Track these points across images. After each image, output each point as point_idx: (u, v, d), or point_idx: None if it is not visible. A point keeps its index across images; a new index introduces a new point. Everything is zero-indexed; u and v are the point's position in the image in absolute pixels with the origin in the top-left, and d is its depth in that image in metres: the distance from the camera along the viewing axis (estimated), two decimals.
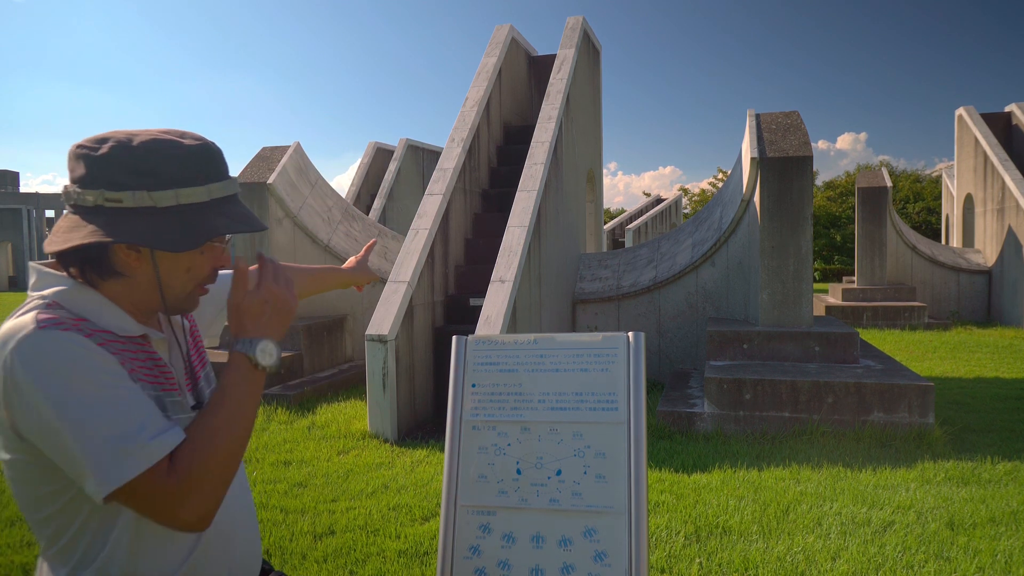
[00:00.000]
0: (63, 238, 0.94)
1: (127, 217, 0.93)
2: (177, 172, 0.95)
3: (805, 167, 6.11)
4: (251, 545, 1.16)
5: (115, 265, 0.97)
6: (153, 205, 0.94)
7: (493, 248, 6.55)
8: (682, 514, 3.47)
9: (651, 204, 25.79)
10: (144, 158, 0.94)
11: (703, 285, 7.18)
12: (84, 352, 0.89)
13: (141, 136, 0.96)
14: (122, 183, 0.93)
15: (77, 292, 0.96)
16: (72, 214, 0.96)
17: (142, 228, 0.93)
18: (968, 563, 2.92)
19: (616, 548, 1.43)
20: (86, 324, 0.93)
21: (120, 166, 0.94)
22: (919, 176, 30.59)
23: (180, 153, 0.96)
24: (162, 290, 1.00)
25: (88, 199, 0.93)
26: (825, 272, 28.87)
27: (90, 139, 0.97)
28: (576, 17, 8.81)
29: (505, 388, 1.58)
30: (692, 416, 5.15)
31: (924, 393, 4.74)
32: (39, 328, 0.88)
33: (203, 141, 1.00)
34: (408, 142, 14.29)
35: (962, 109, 13.92)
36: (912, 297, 12.21)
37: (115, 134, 0.97)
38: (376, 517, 3.52)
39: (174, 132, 1.00)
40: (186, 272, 1.01)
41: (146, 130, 0.99)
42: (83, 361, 0.88)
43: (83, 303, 0.96)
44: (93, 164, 0.94)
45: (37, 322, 0.89)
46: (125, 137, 0.96)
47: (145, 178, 0.94)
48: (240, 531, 1.13)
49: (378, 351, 5.10)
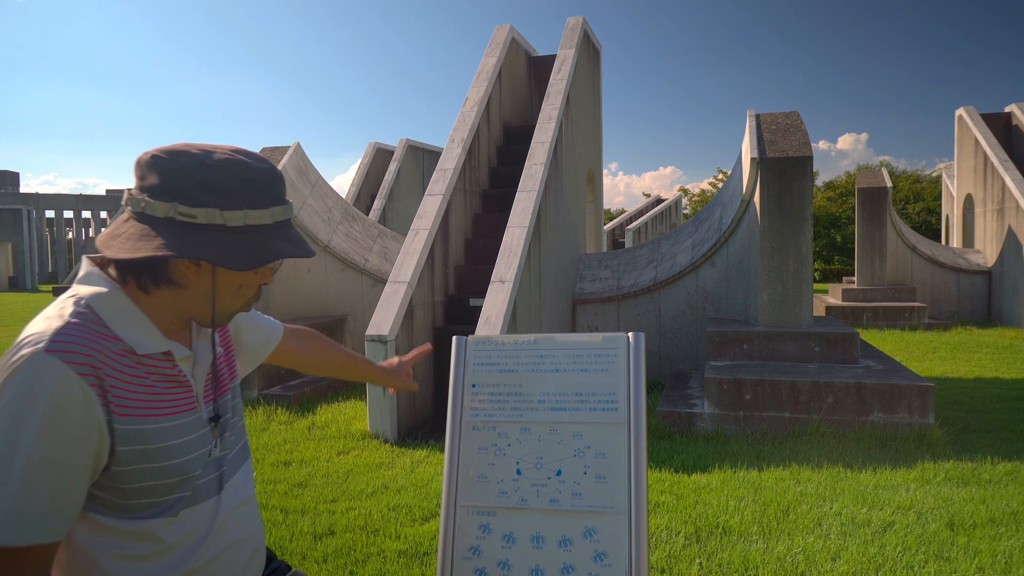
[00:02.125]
0: (131, 246, 0.94)
1: (196, 233, 0.95)
2: (248, 194, 0.97)
3: (805, 167, 6.11)
4: (256, 551, 1.19)
5: (172, 276, 0.99)
6: (223, 224, 0.95)
7: (493, 248, 6.54)
8: (682, 514, 3.47)
9: (651, 204, 25.79)
10: (219, 177, 0.96)
11: (703, 285, 7.18)
12: (59, 400, 0.88)
13: (216, 154, 0.98)
14: (196, 199, 0.95)
15: (113, 301, 0.98)
16: (137, 221, 0.96)
17: (210, 245, 0.95)
18: (968, 563, 2.92)
19: (616, 548, 1.43)
20: (103, 345, 0.94)
21: (195, 182, 0.95)
22: (919, 176, 30.60)
23: (252, 175, 0.98)
24: (215, 304, 1.03)
25: (159, 210, 0.95)
26: (825, 272, 28.88)
27: (164, 150, 0.98)
28: (576, 17, 8.81)
29: (505, 388, 1.58)
30: (692, 416, 5.15)
31: (924, 393, 4.74)
32: (46, 351, 0.89)
33: (270, 165, 1.03)
34: (408, 142, 14.29)
35: (962, 109, 13.92)
36: (912, 297, 12.21)
37: (189, 148, 0.98)
38: (376, 517, 3.52)
39: (243, 152, 1.01)
40: (238, 289, 1.04)
41: (218, 147, 1.00)
42: (50, 413, 0.87)
43: (114, 312, 0.97)
44: (168, 176, 0.95)
45: (50, 342, 0.90)
46: (200, 153, 0.97)
47: (218, 197, 0.95)
48: (247, 536, 1.15)
49: (378, 351, 5.10)
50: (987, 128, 13.28)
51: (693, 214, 29.16)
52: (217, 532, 1.08)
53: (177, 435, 1.01)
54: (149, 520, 0.99)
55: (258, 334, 1.36)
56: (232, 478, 1.13)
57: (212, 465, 1.08)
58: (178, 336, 1.07)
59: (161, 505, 1.00)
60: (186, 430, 1.03)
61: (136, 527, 0.98)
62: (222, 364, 1.17)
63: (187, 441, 1.02)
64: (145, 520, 0.99)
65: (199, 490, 1.06)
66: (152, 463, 0.98)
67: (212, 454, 1.09)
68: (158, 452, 0.98)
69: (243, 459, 1.19)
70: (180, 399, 1.03)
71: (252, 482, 1.21)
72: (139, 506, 0.99)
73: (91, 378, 0.91)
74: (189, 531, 1.04)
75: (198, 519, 1.05)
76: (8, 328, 12.83)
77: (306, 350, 1.53)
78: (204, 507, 1.06)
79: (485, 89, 7.64)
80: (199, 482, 1.05)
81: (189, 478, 1.03)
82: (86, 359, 0.91)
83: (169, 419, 1.00)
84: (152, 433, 0.98)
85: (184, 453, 1.02)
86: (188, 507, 1.03)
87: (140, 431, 0.96)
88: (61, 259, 36.63)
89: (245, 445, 1.22)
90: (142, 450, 0.96)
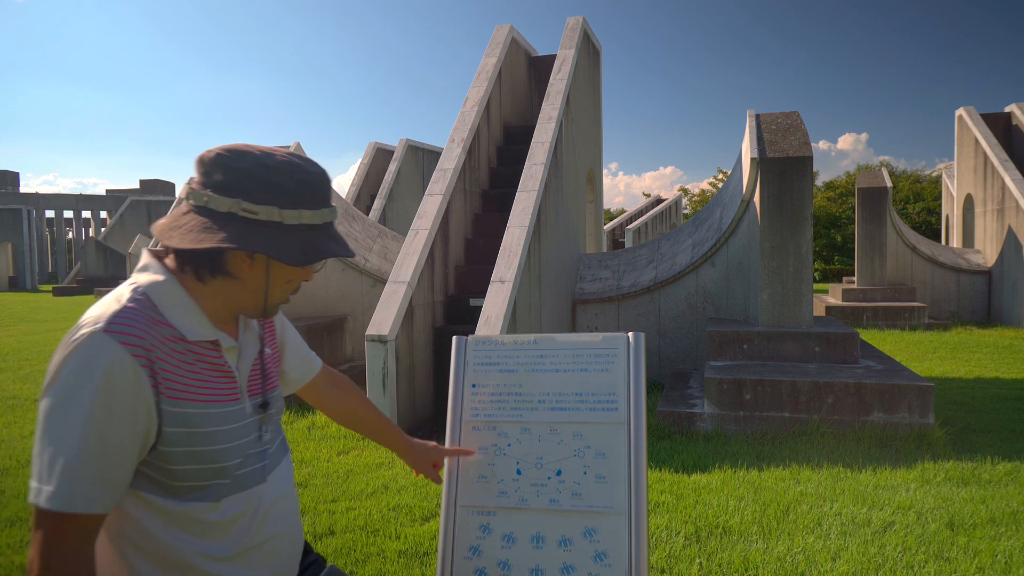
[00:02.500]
0: (195, 237, 1.01)
1: (256, 228, 1.02)
2: (304, 195, 1.05)
3: (805, 167, 6.11)
4: (296, 546, 1.24)
5: (228, 267, 1.06)
6: (281, 221, 1.03)
7: (493, 248, 6.54)
8: (682, 514, 3.47)
9: (651, 204, 25.80)
10: (278, 177, 1.04)
11: (703, 285, 7.18)
12: (113, 377, 0.95)
13: (275, 156, 1.06)
14: (258, 197, 1.02)
15: (168, 289, 1.05)
16: (198, 214, 1.03)
17: (269, 240, 1.02)
18: (968, 563, 2.92)
19: (616, 548, 1.43)
20: (155, 330, 1.01)
21: (259, 181, 1.03)
22: (919, 176, 30.60)
23: (307, 177, 1.06)
24: (267, 296, 1.10)
25: (222, 205, 1.02)
26: (825, 272, 28.87)
27: (227, 149, 1.05)
28: (576, 17, 8.81)
29: (505, 388, 1.58)
30: (692, 416, 5.15)
31: (924, 393, 4.74)
32: (103, 332, 0.96)
33: (322, 169, 1.11)
34: (408, 142, 14.29)
35: (962, 109, 13.92)
36: (912, 297, 12.21)
37: (251, 149, 1.06)
38: (376, 517, 3.52)
39: (297, 156, 1.09)
40: (286, 283, 1.12)
41: (275, 149, 1.08)
42: (104, 389, 0.94)
43: (168, 300, 1.05)
44: (234, 174, 1.03)
45: (108, 323, 0.97)
46: (261, 154, 1.05)
47: (278, 196, 1.03)
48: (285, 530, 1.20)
49: (378, 351, 5.10)
50: (987, 128, 13.27)
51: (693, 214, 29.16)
52: (260, 522, 1.13)
53: (220, 422, 1.07)
54: (192, 503, 1.05)
55: (299, 364, 1.39)
56: (274, 470, 1.18)
57: (255, 456, 1.14)
58: (226, 328, 1.13)
59: (204, 490, 1.06)
60: (228, 419, 1.08)
61: (181, 508, 1.04)
62: (269, 361, 1.23)
63: (229, 429, 1.08)
64: (189, 503, 1.05)
65: (240, 479, 1.11)
66: (195, 447, 1.03)
67: (259, 442, 1.15)
68: (201, 436, 1.04)
69: (283, 453, 1.24)
70: (225, 388, 1.09)
71: (292, 477, 1.26)
72: (184, 488, 1.04)
73: (143, 359, 0.98)
74: (231, 518, 1.09)
75: (240, 507, 1.10)
76: (8, 328, 12.82)
77: (337, 396, 1.52)
78: (247, 496, 1.11)
79: (485, 89, 7.64)
80: (240, 471, 1.11)
81: (230, 465, 1.08)
82: (139, 341, 0.98)
83: (213, 406, 1.07)
84: (196, 417, 1.04)
85: (226, 440, 1.07)
86: (230, 495, 1.09)
87: (186, 414, 1.03)
88: (61, 259, 36.62)
89: (284, 440, 1.27)
90: (187, 433, 1.03)
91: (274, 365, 1.25)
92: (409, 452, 1.57)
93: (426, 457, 1.56)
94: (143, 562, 1.04)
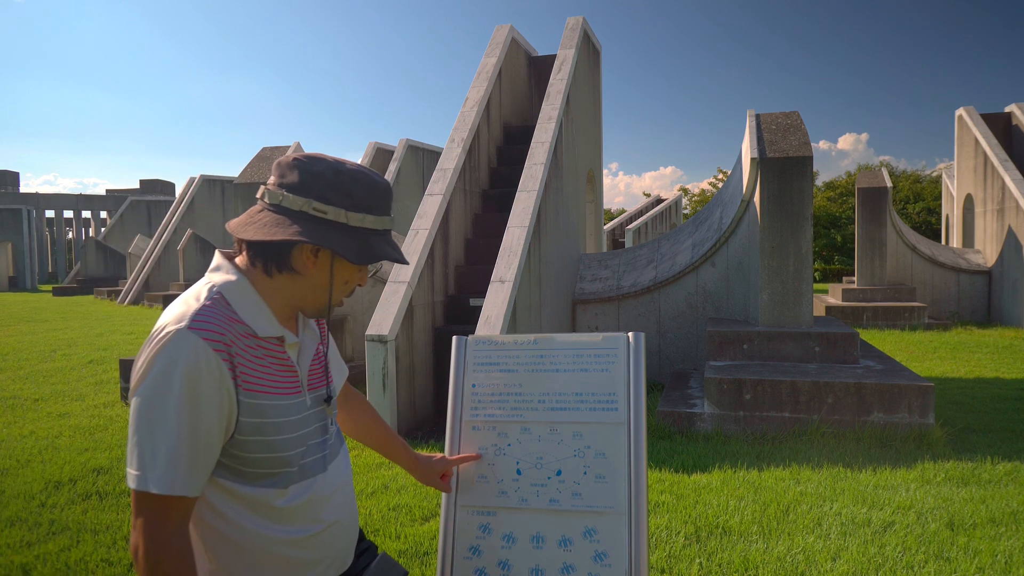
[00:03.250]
0: (269, 231, 1.10)
1: (325, 227, 1.11)
2: (369, 200, 1.15)
3: (805, 167, 6.11)
4: (353, 534, 1.31)
5: (293, 262, 1.14)
6: (346, 223, 1.13)
7: (493, 248, 6.54)
8: (682, 514, 3.47)
9: (651, 204, 25.79)
10: (349, 183, 1.14)
11: (703, 285, 7.18)
12: (199, 370, 1.03)
13: (348, 164, 1.16)
14: (328, 198, 1.12)
15: (239, 288, 1.14)
16: (272, 212, 1.13)
17: (335, 238, 1.11)
18: (968, 563, 2.92)
19: (616, 548, 1.43)
20: (232, 327, 1.09)
21: (330, 185, 1.12)
22: (919, 176, 30.59)
23: (374, 186, 1.16)
24: (331, 291, 1.18)
25: (296, 204, 1.11)
26: (825, 272, 28.88)
27: (305, 155, 1.15)
28: (576, 17, 8.81)
29: (505, 388, 1.58)
30: (692, 416, 5.15)
31: (924, 393, 4.74)
32: (188, 329, 1.04)
33: (387, 181, 1.20)
34: (408, 142, 14.29)
35: (962, 109, 13.92)
36: (912, 297, 12.21)
37: (325, 157, 1.16)
38: (376, 517, 3.52)
39: (367, 168, 1.19)
40: (344, 283, 1.20)
41: (347, 160, 1.18)
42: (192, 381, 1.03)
43: (241, 299, 1.13)
44: (308, 177, 1.12)
45: (191, 321, 1.05)
46: (335, 162, 1.15)
47: (346, 199, 1.13)
48: (345, 517, 1.27)
49: (378, 351, 5.10)
50: (987, 128, 13.27)
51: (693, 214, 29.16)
52: (323, 509, 1.21)
53: (286, 413, 1.15)
54: (263, 489, 1.13)
55: (336, 370, 1.42)
56: (333, 461, 1.27)
57: (316, 447, 1.22)
58: (288, 326, 1.21)
59: (272, 477, 1.14)
60: (292, 411, 1.16)
61: (252, 494, 1.13)
62: (327, 358, 1.31)
63: (293, 421, 1.16)
64: (259, 488, 1.13)
65: (305, 468, 1.19)
66: (266, 436, 1.12)
67: (321, 433, 1.23)
68: (271, 426, 1.12)
69: (340, 444, 1.33)
70: (288, 382, 1.17)
71: (350, 467, 1.35)
72: (255, 475, 1.13)
73: (223, 353, 1.06)
74: (298, 505, 1.17)
75: (306, 495, 1.18)
76: (8, 328, 12.81)
77: (352, 408, 1.55)
78: (311, 484, 1.19)
79: (485, 89, 7.64)
80: (305, 460, 1.18)
81: (294, 454, 1.16)
82: (220, 336, 1.06)
83: (281, 398, 1.15)
84: (268, 408, 1.12)
85: (291, 430, 1.15)
86: (297, 482, 1.17)
87: (259, 405, 1.11)
88: (61, 259, 36.62)
89: (340, 432, 1.36)
90: (260, 423, 1.11)
91: (330, 364, 1.33)
92: (416, 467, 1.57)
93: (432, 470, 1.56)
94: (221, 545, 1.12)
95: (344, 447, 1.34)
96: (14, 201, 34.24)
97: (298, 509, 1.17)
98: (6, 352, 9.46)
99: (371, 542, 1.45)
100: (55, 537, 3.33)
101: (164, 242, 20.42)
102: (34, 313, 16.18)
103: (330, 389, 1.28)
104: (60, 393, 6.74)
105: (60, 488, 4.00)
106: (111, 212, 36.94)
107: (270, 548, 1.14)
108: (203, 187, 22.02)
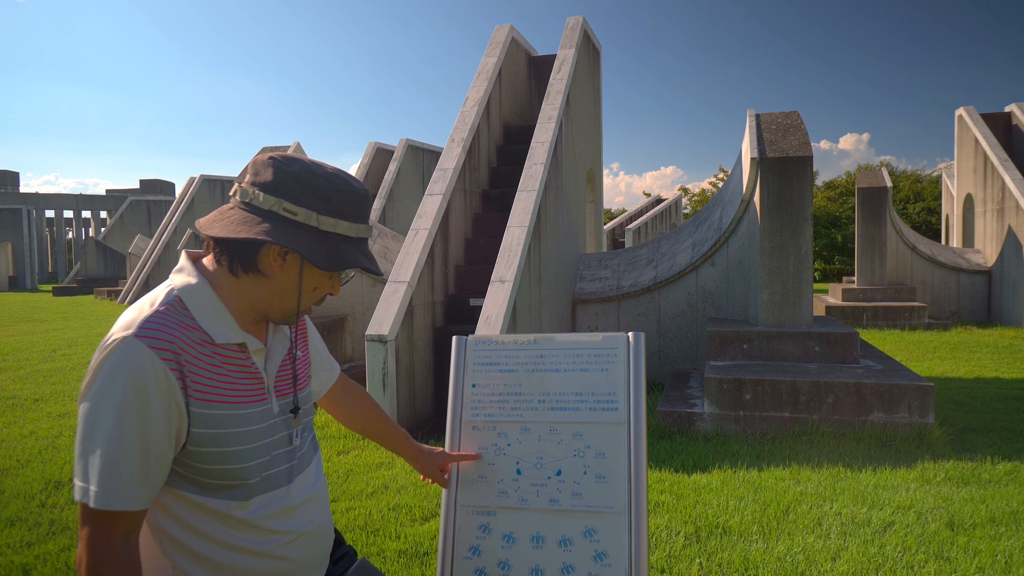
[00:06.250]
0: (234, 228, 1.07)
1: (294, 229, 1.07)
2: (344, 206, 1.11)
3: (805, 167, 6.11)
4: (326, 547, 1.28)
5: (259, 263, 1.10)
6: (317, 226, 1.08)
7: (493, 248, 6.54)
8: (682, 514, 3.47)
9: (651, 204, 25.79)
10: (323, 185, 1.10)
11: (703, 285, 7.18)
12: (144, 379, 1.00)
13: (324, 167, 1.12)
14: (300, 200, 1.08)
15: (199, 292, 1.10)
16: (243, 210, 1.09)
17: (303, 241, 1.07)
18: (968, 563, 2.92)
19: (616, 548, 1.43)
20: (185, 334, 1.05)
21: (304, 186, 1.09)
22: (919, 176, 30.57)
23: (349, 191, 1.12)
24: (300, 296, 1.14)
25: (266, 202, 1.08)
26: (825, 272, 28.87)
27: (280, 155, 1.12)
28: (576, 17, 8.81)
29: (505, 388, 1.58)
30: (692, 416, 5.15)
31: (924, 393, 4.74)
32: (135, 337, 1.01)
33: (365, 187, 1.16)
34: (408, 142, 14.29)
35: (962, 109, 13.92)
36: (912, 297, 12.21)
37: (303, 158, 1.12)
38: (376, 517, 3.52)
39: (344, 172, 1.15)
40: (313, 290, 1.16)
41: (325, 163, 1.15)
42: (136, 392, 0.99)
43: (199, 303, 1.09)
44: (281, 176, 1.09)
45: (139, 328, 1.02)
46: (311, 163, 1.11)
47: (319, 202, 1.09)
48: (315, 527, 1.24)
49: (378, 351, 5.10)
50: (987, 128, 13.27)
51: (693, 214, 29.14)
52: (288, 522, 1.17)
53: (246, 423, 1.11)
54: (223, 500, 1.10)
55: (322, 370, 1.42)
56: (302, 472, 1.22)
57: (283, 457, 1.18)
58: (254, 331, 1.17)
59: (233, 488, 1.10)
60: (255, 419, 1.12)
61: (212, 505, 1.09)
62: (300, 363, 1.27)
63: (256, 430, 1.12)
64: (220, 499, 1.09)
65: (269, 480, 1.14)
66: (222, 447, 1.07)
67: (288, 443, 1.19)
68: (228, 437, 1.08)
69: (313, 452, 1.29)
70: (251, 389, 1.13)
71: (323, 477, 1.30)
72: (213, 486, 1.09)
73: (172, 363, 1.02)
74: (262, 515, 1.13)
75: (270, 507, 1.14)
76: (8, 328, 12.82)
77: (352, 403, 1.54)
78: (275, 496, 1.15)
79: (485, 89, 7.64)
80: (269, 472, 1.14)
81: (256, 465, 1.11)
82: (168, 345, 1.02)
83: (239, 407, 1.10)
84: (223, 419, 1.08)
85: (252, 440, 1.11)
86: (260, 494, 1.13)
87: (212, 415, 1.06)
88: (61, 259, 36.61)
89: (314, 439, 1.32)
90: (214, 434, 1.07)
91: (304, 368, 1.29)
92: (418, 458, 1.57)
93: (434, 463, 1.57)
94: (181, 556, 1.09)
95: (318, 455, 1.30)
96: (14, 201, 34.23)
97: (262, 520, 1.13)
98: (6, 352, 9.46)
99: (351, 547, 1.42)
100: (55, 537, 3.33)
101: (164, 242, 20.43)
102: (34, 313, 16.18)
103: (297, 396, 1.23)
104: (60, 393, 6.74)
105: (60, 488, 4.00)
106: (111, 212, 36.93)
107: (232, 558, 1.11)
108: (203, 187, 22.04)
